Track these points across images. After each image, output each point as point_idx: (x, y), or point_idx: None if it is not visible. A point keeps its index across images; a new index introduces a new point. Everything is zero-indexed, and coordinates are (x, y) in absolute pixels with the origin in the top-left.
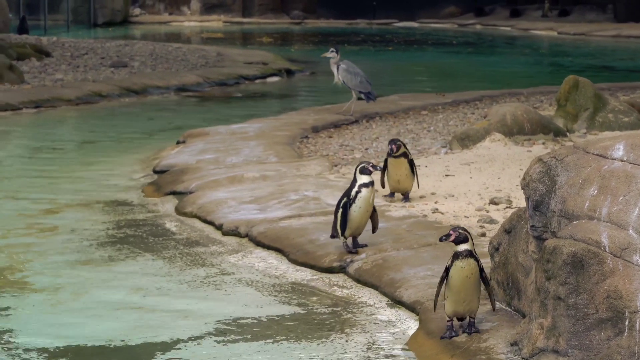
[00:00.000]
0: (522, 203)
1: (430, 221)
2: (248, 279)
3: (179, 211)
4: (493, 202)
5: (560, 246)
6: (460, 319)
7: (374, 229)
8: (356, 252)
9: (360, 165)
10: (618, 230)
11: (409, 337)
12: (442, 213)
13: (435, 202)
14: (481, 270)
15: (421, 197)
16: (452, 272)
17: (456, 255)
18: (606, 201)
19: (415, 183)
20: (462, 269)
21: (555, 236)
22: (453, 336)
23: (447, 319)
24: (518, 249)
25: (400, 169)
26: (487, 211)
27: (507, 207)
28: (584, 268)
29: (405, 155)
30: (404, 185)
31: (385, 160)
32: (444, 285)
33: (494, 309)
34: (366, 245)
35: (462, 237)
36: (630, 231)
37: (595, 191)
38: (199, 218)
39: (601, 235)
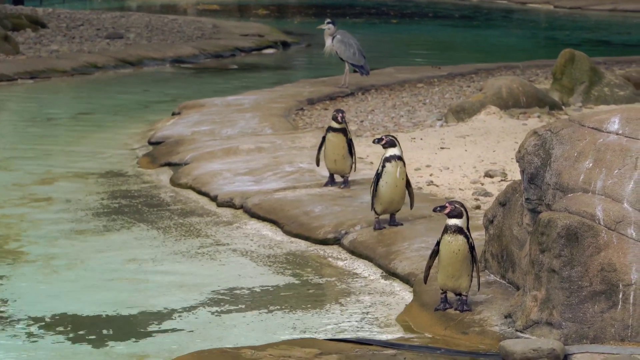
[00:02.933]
0: (517, 176)
1: (425, 193)
2: (242, 249)
3: (174, 182)
4: (488, 174)
5: (555, 219)
6: (457, 293)
7: (411, 205)
8: (382, 228)
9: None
10: (613, 203)
11: (403, 309)
12: (437, 185)
13: (430, 175)
14: (471, 248)
15: (416, 169)
16: (441, 245)
17: (445, 229)
18: (601, 174)
19: (353, 166)
20: (450, 244)
21: (550, 209)
22: (447, 308)
23: (441, 291)
24: (512, 222)
25: (338, 147)
26: (482, 184)
27: (502, 180)
28: (578, 241)
29: (344, 132)
30: (341, 166)
31: (324, 136)
32: (436, 258)
33: (478, 289)
34: (401, 224)
35: (457, 212)
36: (625, 204)
37: (590, 164)
38: (194, 189)
39: (596, 208)
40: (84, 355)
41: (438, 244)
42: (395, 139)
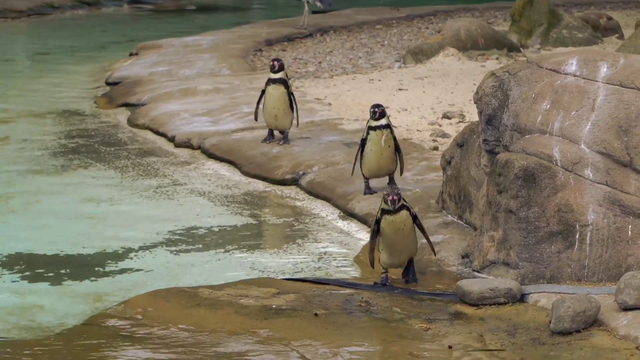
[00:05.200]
0: (475, 117)
1: None
2: (200, 189)
3: (132, 123)
4: (446, 116)
5: (512, 160)
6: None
7: (401, 171)
8: (371, 194)
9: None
10: (570, 144)
11: (360, 249)
12: (395, 127)
13: (388, 116)
14: (414, 217)
15: None
16: (382, 225)
17: (386, 211)
18: (558, 116)
19: (295, 122)
20: (393, 222)
21: (507, 150)
22: (391, 290)
23: (382, 270)
24: (470, 163)
25: (279, 100)
26: (440, 125)
27: (459, 121)
28: (535, 182)
29: (285, 83)
30: (282, 122)
31: (264, 90)
32: (378, 237)
33: (434, 254)
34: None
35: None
36: (582, 145)
37: (548, 106)
38: (152, 130)
39: (553, 149)
40: (41, 294)
41: (377, 223)
42: (384, 109)
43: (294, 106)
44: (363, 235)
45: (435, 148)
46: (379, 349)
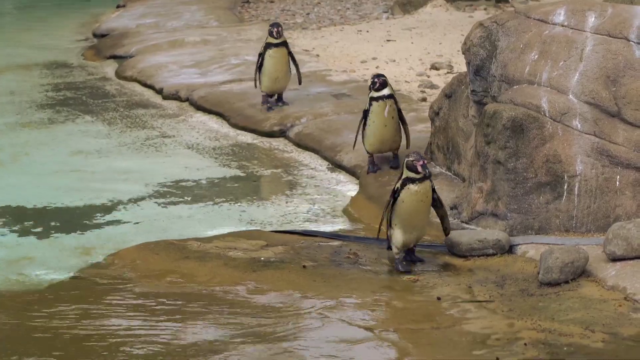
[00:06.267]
0: (463, 68)
1: None
2: (188, 141)
3: (119, 75)
4: (434, 67)
5: (500, 111)
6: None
7: (407, 144)
8: (374, 172)
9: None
10: (558, 95)
11: (349, 200)
12: None
13: (377, 67)
14: (434, 189)
15: (362, 62)
16: (403, 196)
17: (410, 180)
18: (547, 66)
19: (298, 80)
20: (417, 193)
21: (495, 101)
22: (407, 271)
23: (396, 251)
24: (458, 114)
25: (280, 62)
26: (428, 76)
27: (448, 72)
28: (523, 132)
29: (286, 45)
30: (282, 83)
31: (262, 55)
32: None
33: (446, 234)
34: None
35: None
36: (570, 96)
37: (536, 56)
38: (139, 82)
39: (541, 99)
40: (30, 247)
41: (395, 194)
42: (386, 79)
43: (296, 65)
44: (351, 187)
45: (424, 99)
46: (368, 301)
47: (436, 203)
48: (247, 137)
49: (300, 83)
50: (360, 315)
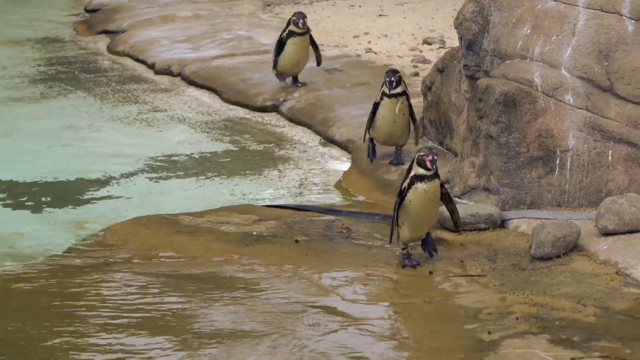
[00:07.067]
0: (456, 43)
1: (364, 61)
2: (180, 116)
3: (111, 50)
4: (426, 42)
5: (493, 85)
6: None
7: (416, 142)
8: (371, 159)
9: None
10: (550, 69)
11: (341, 175)
12: (376, 53)
13: (369, 42)
14: (442, 185)
15: (355, 36)
16: (411, 196)
17: (419, 178)
18: (539, 40)
19: (318, 61)
20: (426, 192)
21: (487, 75)
22: (416, 264)
23: (402, 246)
24: (451, 89)
25: (302, 49)
26: (421, 51)
27: (440, 47)
28: (516, 107)
29: (309, 34)
30: (300, 67)
31: (283, 39)
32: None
33: (456, 227)
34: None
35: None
36: (563, 70)
37: (529, 30)
38: (131, 57)
39: (533, 74)
40: (22, 222)
41: (403, 193)
42: (401, 76)
43: (317, 49)
44: (344, 161)
45: (416, 74)
46: (360, 275)
47: (445, 198)
48: (239, 112)
49: (319, 64)
50: (352, 289)
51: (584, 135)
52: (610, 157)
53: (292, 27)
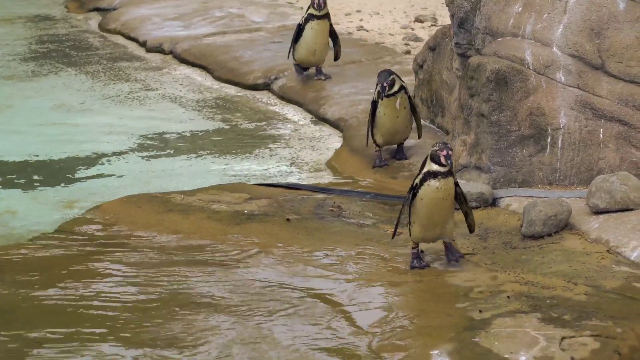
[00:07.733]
0: (447, 20)
1: (355, 38)
2: (172, 94)
3: (103, 27)
4: (418, 19)
5: (484, 63)
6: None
7: (419, 135)
8: (381, 166)
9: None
10: (542, 47)
11: (332, 154)
12: (367, 30)
13: (360, 20)
14: (456, 183)
15: (346, 14)
16: (423, 193)
17: (432, 174)
18: (530, 18)
19: (338, 54)
20: (438, 190)
21: (479, 53)
22: (424, 266)
23: (413, 245)
24: (442, 67)
25: (321, 34)
26: (412, 29)
27: (432, 25)
28: (507, 85)
29: (328, 17)
30: (320, 56)
31: (302, 24)
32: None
33: (471, 231)
34: (407, 158)
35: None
36: (554, 48)
37: (520, 8)
38: (123, 34)
39: (525, 52)
40: (13, 200)
41: (414, 190)
42: (395, 76)
43: (335, 40)
44: (335, 140)
45: (408, 52)
46: (351, 254)
47: (459, 198)
48: (230, 90)
49: (337, 59)
50: (343, 267)
51: (575, 114)
52: (601, 135)
53: (310, 10)
